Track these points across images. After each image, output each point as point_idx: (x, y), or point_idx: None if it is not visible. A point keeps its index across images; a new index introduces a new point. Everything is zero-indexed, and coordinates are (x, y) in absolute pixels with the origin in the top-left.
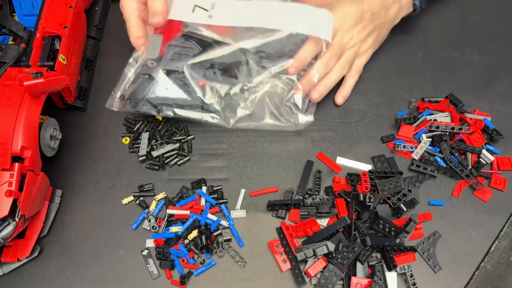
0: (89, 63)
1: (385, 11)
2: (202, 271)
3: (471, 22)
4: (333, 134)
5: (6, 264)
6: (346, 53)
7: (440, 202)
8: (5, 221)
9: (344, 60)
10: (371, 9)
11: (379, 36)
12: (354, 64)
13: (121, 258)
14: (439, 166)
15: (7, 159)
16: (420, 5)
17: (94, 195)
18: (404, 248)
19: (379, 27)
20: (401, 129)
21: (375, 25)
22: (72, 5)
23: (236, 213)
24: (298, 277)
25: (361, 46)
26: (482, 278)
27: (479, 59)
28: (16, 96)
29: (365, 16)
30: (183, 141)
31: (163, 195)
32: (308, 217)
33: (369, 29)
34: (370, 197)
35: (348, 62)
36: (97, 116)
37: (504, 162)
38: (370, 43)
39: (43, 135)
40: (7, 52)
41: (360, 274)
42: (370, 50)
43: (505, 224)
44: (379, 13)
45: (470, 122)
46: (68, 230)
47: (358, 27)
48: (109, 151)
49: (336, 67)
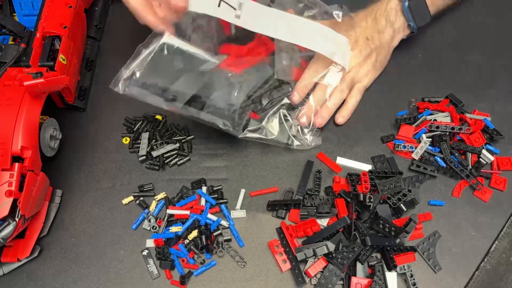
0: (89, 63)
1: (379, 35)
2: (202, 271)
3: (471, 22)
4: (333, 134)
5: (6, 264)
6: (345, 77)
7: (440, 202)
8: (5, 221)
9: (342, 84)
10: (364, 34)
11: (378, 59)
12: (354, 86)
13: (121, 258)
14: (439, 166)
15: (7, 159)
16: (416, 26)
17: (94, 195)
18: (404, 248)
19: (376, 51)
20: (401, 129)
21: (372, 48)
22: (72, 5)
23: (236, 213)
24: (298, 277)
25: (360, 69)
26: (482, 278)
27: (479, 59)
28: (16, 96)
29: (359, 41)
30: (183, 141)
31: (163, 195)
32: (308, 217)
33: (365, 53)
34: (370, 197)
35: (347, 86)
36: (97, 116)
37: (504, 162)
38: (369, 66)
39: (43, 135)
40: (7, 52)
41: (360, 274)
42: (371, 73)
43: (505, 224)
44: (373, 37)
45: (470, 122)
46: (68, 230)
47: (354, 52)
48: (109, 151)
49: (336, 91)
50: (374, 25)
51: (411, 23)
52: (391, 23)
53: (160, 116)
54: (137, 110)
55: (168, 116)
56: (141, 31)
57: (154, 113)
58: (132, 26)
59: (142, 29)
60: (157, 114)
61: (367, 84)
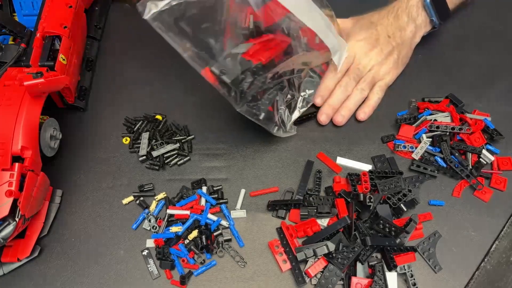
0: (89, 63)
1: (401, 33)
2: (202, 271)
3: (471, 22)
4: (333, 134)
5: (6, 264)
6: (365, 76)
7: (440, 202)
8: (5, 221)
9: (362, 83)
10: (386, 32)
11: (400, 56)
12: (376, 84)
13: (121, 258)
14: (439, 166)
15: (7, 159)
16: (438, 21)
17: (94, 195)
18: (404, 248)
19: (397, 48)
20: (401, 129)
21: (393, 46)
22: (72, 5)
23: (236, 213)
24: (298, 277)
25: (381, 68)
26: (482, 278)
27: (479, 59)
28: (16, 96)
29: (381, 39)
30: (183, 141)
31: (163, 195)
32: (308, 217)
33: (386, 51)
34: (370, 197)
35: (367, 84)
36: (97, 116)
37: (504, 162)
38: (390, 64)
39: (43, 135)
40: (7, 52)
41: (360, 274)
42: (393, 71)
43: (505, 224)
44: (394, 35)
45: (470, 122)
46: (68, 230)
47: (375, 50)
48: (109, 151)
49: (356, 90)
50: (396, 22)
51: (433, 18)
52: (413, 19)
53: (160, 116)
54: (137, 110)
55: (168, 116)
56: (141, 31)
57: (154, 113)
58: (132, 26)
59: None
60: (157, 114)
61: (389, 81)
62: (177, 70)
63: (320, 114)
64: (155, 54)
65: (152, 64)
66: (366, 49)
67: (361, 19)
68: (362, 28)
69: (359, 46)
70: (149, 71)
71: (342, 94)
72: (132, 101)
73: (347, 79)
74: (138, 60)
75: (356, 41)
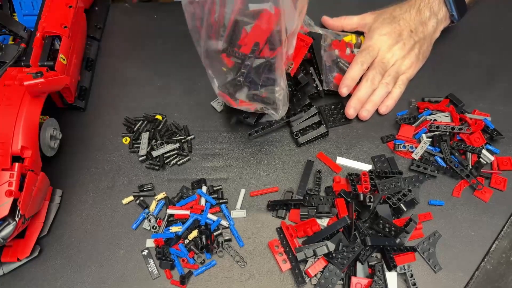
0: (89, 63)
1: (423, 27)
2: (202, 271)
3: (471, 22)
4: (333, 134)
5: (6, 264)
6: (389, 71)
7: (440, 202)
8: (5, 221)
9: (387, 77)
10: (408, 26)
11: (421, 51)
12: (399, 78)
13: (121, 258)
14: (439, 166)
15: (7, 159)
16: (458, 16)
17: (94, 195)
18: (404, 248)
19: (419, 43)
20: (401, 129)
21: (415, 41)
22: (72, 5)
23: (236, 213)
24: (298, 277)
25: (403, 62)
26: (482, 278)
27: (479, 59)
28: (16, 96)
29: (404, 34)
30: (183, 141)
31: (163, 195)
32: (308, 217)
33: (409, 45)
34: (370, 197)
35: (392, 79)
36: (97, 116)
37: (504, 162)
38: (412, 59)
39: (43, 135)
40: (7, 52)
41: (360, 274)
42: (415, 65)
43: (505, 224)
44: (417, 30)
45: (470, 122)
46: (68, 230)
47: (398, 45)
48: (109, 151)
49: (381, 84)
50: (418, 17)
51: (454, 13)
52: (435, 13)
53: (160, 116)
54: (137, 110)
55: (168, 116)
56: (141, 31)
57: (154, 113)
58: (132, 26)
59: (142, 30)
60: (157, 114)
61: (410, 75)
62: (176, 70)
63: (349, 108)
64: (155, 54)
65: (152, 64)
66: (390, 44)
67: (382, 13)
68: (385, 22)
69: (382, 40)
70: (149, 71)
71: (369, 87)
72: (132, 101)
73: (373, 72)
74: (138, 60)
75: (379, 35)
